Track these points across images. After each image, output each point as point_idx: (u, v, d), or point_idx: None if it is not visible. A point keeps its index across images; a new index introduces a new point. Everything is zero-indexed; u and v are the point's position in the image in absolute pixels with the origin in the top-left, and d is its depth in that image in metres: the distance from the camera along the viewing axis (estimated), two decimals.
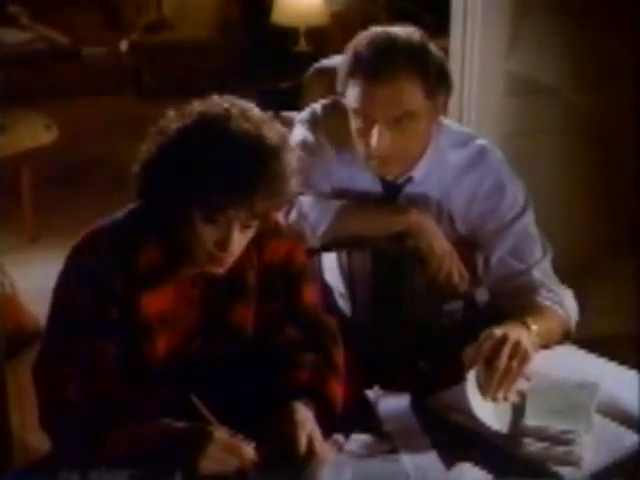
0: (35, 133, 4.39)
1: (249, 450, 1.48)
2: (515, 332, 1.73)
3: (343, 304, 2.21)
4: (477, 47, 2.81)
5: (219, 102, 1.58)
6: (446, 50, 2.81)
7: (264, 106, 1.65)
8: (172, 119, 1.56)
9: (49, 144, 4.37)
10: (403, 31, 1.92)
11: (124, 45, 6.69)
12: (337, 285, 2.21)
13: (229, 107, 1.55)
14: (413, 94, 1.88)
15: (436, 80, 1.91)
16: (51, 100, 5.87)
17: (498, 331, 1.72)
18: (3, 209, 4.36)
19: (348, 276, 2.14)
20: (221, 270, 1.62)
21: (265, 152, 1.52)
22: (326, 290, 2.21)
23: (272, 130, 1.56)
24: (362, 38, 1.93)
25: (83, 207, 3.96)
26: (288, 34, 5.00)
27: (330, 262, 2.20)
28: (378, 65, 1.86)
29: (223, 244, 1.56)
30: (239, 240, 1.58)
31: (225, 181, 1.49)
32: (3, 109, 4.63)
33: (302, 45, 4.96)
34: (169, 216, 1.58)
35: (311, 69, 3.82)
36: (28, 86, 6.22)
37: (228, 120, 1.52)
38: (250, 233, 1.61)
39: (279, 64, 4.85)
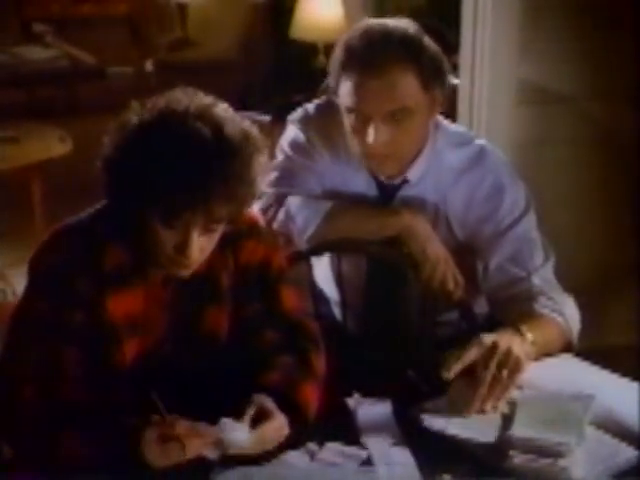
0: (48, 145, 4.34)
1: (184, 424, 1.40)
2: (506, 340, 1.64)
3: (337, 312, 2.12)
4: (488, 54, 2.75)
5: (180, 98, 1.49)
6: None
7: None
8: (134, 112, 1.48)
9: (62, 156, 4.33)
10: (398, 23, 1.86)
11: (149, 65, 6.67)
12: (331, 293, 2.12)
13: (188, 105, 1.47)
14: (408, 87, 1.80)
15: (431, 73, 1.84)
16: (72, 116, 5.85)
17: (487, 339, 1.63)
18: (15, 220, 4.34)
19: (340, 283, 2.04)
20: (186, 273, 1.54)
21: (220, 154, 1.44)
22: (321, 299, 2.13)
23: (234, 130, 1.46)
24: (355, 30, 1.86)
25: None
26: (308, 49, 4.96)
27: (325, 270, 2.11)
28: (371, 57, 1.79)
29: (182, 248, 1.47)
30: (201, 244, 1.49)
31: (178, 185, 1.42)
32: (18, 122, 4.64)
33: (321, 60, 4.90)
34: (131, 216, 1.50)
35: (325, 82, 3.76)
36: (51, 103, 6.24)
37: (185, 120, 1.44)
38: (215, 236, 1.52)
39: (298, 79, 4.80)
